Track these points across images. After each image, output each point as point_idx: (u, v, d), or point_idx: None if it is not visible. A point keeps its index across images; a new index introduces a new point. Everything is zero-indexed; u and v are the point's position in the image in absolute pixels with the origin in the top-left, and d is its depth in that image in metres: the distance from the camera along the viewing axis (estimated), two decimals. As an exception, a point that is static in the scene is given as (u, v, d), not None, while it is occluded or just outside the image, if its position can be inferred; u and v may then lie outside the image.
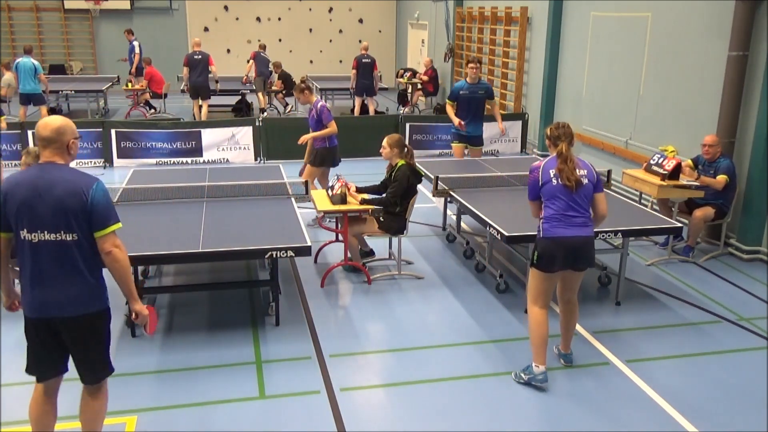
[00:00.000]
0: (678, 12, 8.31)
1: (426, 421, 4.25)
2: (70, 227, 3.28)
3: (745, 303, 6.10)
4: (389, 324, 5.58)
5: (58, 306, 3.36)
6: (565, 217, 4.45)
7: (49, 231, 3.28)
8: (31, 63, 12.61)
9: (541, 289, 4.61)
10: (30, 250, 3.32)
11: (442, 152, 11.90)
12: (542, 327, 4.57)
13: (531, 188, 4.61)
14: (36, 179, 3.29)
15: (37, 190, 3.26)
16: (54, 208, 3.25)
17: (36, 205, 3.26)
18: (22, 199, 3.26)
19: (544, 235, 4.50)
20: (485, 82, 9.24)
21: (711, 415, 4.35)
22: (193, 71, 13.43)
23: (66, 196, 3.26)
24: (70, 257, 3.32)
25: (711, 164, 6.95)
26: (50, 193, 3.25)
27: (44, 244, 3.29)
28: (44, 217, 3.26)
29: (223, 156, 11.26)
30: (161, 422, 4.17)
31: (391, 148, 6.33)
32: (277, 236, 5.32)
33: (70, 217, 3.27)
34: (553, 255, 4.47)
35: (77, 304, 3.38)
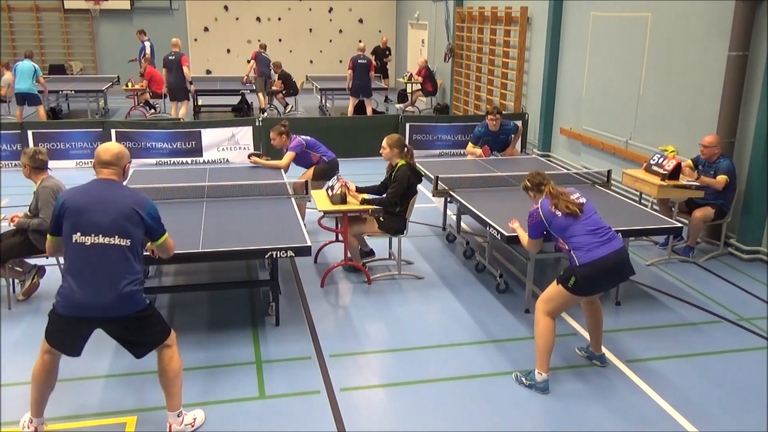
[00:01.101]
0: (678, 12, 8.31)
1: (426, 421, 4.25)
2: (125, 233, 3.68)
3: (745, 303, 6.10)
4: (389, 324, 5.58)
5: (102, 307, 3.65)
6: (594, 235, 4.44)
7: (104, 235, 3.64)
8: (31, 65, 12.65)
9: (562, 307, 4.61)
10: (82, 253, 3.64)
11: (442, 152, 11.91)
12: (551, 336, 4.55)
13: (534, 227, 4.65)
14: (96, 191, 3.75)
15: (97, 198, 3.69)
16: (114, 215, 3.65)
17: (93, 212, 3.64)
18: (80, 205, 3.66)
19: (582, 262, 4.41)
20: (508, 127, 8.87)
21: (711, 415, 4.35)
22: (169, 73, 13.38)
23: (124, 207, 3.70)
24: (120, 261, 3.66)
25: (711, 164, 6.95)
26: (110, 204, 3.68)
27: (97, 247, 3.63)
28: (101, 223, 3.63)
29: (223, 156, 11.26)
30: (161, 422, 4.16)
31: (391, 149, 6.33)
32: (277, 236, 5.32)
33: (126, 224, 3.68)
34: (597, 279, 4.44)
35: (121, 306, 3.68)
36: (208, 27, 20.12)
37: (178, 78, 13.28)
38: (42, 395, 3.91)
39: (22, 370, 4.71)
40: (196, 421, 4.14)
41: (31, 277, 5.90)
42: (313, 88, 17.07)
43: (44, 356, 3.83)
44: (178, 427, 4.02)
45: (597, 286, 4.52)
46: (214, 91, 15.60)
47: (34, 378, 3.87)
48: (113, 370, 4.75)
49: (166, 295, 6.05)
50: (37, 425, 3.99)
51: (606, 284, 4.55)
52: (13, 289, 5.91)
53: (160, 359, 3.94)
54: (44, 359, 3.84)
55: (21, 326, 5.41)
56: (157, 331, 3.91)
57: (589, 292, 4.52)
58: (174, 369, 3.94)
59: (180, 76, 13.26)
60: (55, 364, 3.89)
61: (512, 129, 8.93)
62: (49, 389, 3.92)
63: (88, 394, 4.46)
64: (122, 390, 4.48)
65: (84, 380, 4.62)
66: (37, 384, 3.87)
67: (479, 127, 8.81)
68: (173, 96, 13.56)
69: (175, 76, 13.28)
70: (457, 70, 15.90)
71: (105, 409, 4.28)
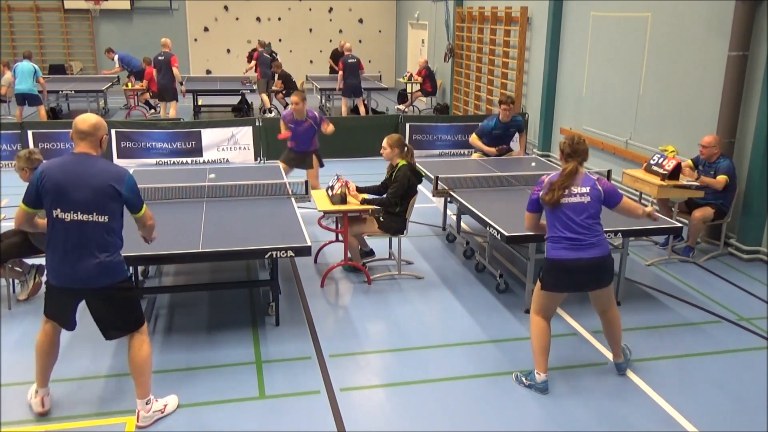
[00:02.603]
0: (678, 12, 8.31)
1: (426, 421, 4.25)
2: (103, 211, 3.78)
3: (745, 303, 6.10)
4: (389, 324, 5.58)
5: (84, 279, 3.80)
6: (566, 238, 4.32)
7: (82, 212, 3.74)
8: (31, 66, 12.67)
9: (544, 305, 4.55)
10: (62, 228, 3.76)
11: (442, 152, 11.91)
12: (544, 337, 4.53)
13: (530, 201, 4.51)
14: (74, 166, 3.77)
15: (75, 175, 3.74)
16: (89, 192, 3.73)
17: (72, 189, 3.72)
18: (59, 182, 3.72)
19: (548, 256, 4.39)
20: (518, 119, 8.73)
21: (711, 415, 4.35)
22: (158, 73, 13.37)
23: (101, 184, 3.76)
24: (98, 236, 3.79)
25: (711, 164, 6.95)
26: (87, 180, 3.74)
27: (76, 223, 3.75)
28: (79, 201, 3.73)
29: (223, 156, 11.26)
30: (161, 422, 4.17)
31: (392, 149, 6.33)
32: (277, 236, 5.32)
33: (104, 201, 3.77)
34: (559, 278, 4.38)
35: (101, 277, 3.82)
36: (208, 27, 20.12)
37: (167, 78, 13.28)
38: (45, 365, 4.12)
39: (22, 370, 4.71)
40: (166, 407, 4.20)
41: (33, 277, 5.90)
42: (313, 88, 17.07)
43: (45, 327, 4.06)
44: (146, 414, 4.09)
45: (560, 284, 4.42)
46: (214, 91, 15.60)
47: (37, 349, 4.07)
48: (113, 370, 4.75)
49: (166, 295, 6.05)
50: (43, 395, 4.17)
51: (569, 286, 4.43)
52: (13, 289, 5.91)
53: (132, 346, 4.04)
54: (45, 330, 4.06)
55: (21, 326, 5.41)
56: (134, 317, 4.06)
57: (553, 288, 4.44)
58: (144, 355, 4.05)
59: (169, 76, 13.25)
60: (56, 335, 4.09)
61: (520, 122, 8.76)
62: (52, 360, 4.13)
63: (88, 394, 4.46)
64: (122, 390, 4.48)
65: (84, 380, 4.62)
66: (40, 354, 4.07)
67: (488, 121, 8.61)
68: (161, 96, 13.56)
69: (165, 77, 13.27)
70: (457, 70, 15.90)
71: (105, 409, 4.28)
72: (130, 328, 4.05)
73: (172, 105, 13.55)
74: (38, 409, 4.17)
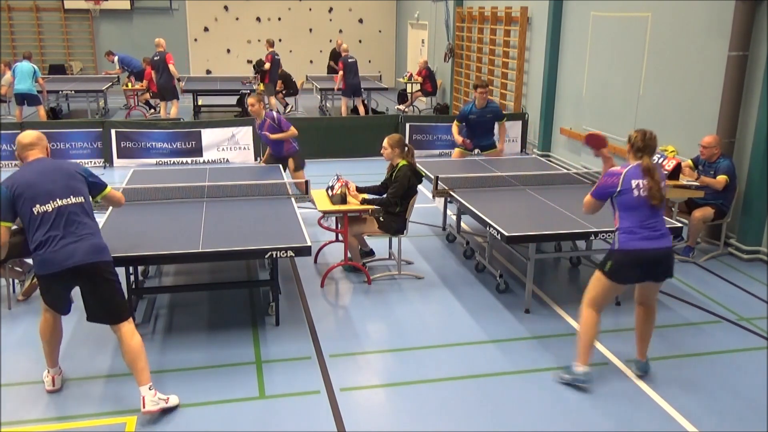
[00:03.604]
0: (678, 12, 8.31)
1: (426, 421, 4.25)
2: (77, 192, 4.16)
3: (745, 303, 6.10)
4: (389, 324, 5.58)
5: (82, 254, 4.06)
6: (643, 229, 4.34)
7: (61, 198, 4.08)
8: (30, 66, 12.67)
9: (607, 298, 4.56)
10: (45, 219, 4.03)
11: (442, 152, 11.91)
12: (593, 329, 4.53)
13: (602, 189, 4.44)
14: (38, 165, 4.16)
15: (41, 170, 4.12)
16: (61, 180, 4.11)
17: (45, 182, 4.07)
18: (30, 181, 4.05)
19: (621, 247, 4.38)
20: (494, 105, 8.84)
21: (711, 415, 4.35)
22: (156, 73, 13.38)
23: (67, 169, 4.23)
24: (82, 219, 4.13)
25: (711, 164, 6.95)
26: (56, 171, 4.15)
27: (58, 209, 4.06)
28: (54, 189, 4.07)
29: (223, 156, 11.26)
30: (161, 422, 4.17)
31: (392, 149, 6.34)
32: (277, 236, 5.32)
33: (75, 183, 4.17)
34: (631, 268, 4.40)
35: (94, 254, 4.12)
36: (208, 27, 20.12)
37: (165, 77, 13.28)
38: (51, 348, 4.40)
39: (22, 370, 4.72)
40: (169, 400, 4.25)
41: (31, 277, 5.90)
42: (313, 88, 17.06)
43: (45, 314, 4.32)
44: (152, 398, 4.14)
45: (630, 275, 4.44)
46: (214, 91, 15.59)
47: (41, 335, 4.36)
48: (113, 370, 4.75)
49: (166, 295, 6.05)
50: (54, 375, 4.45)
51: (639, 275, 4.46)
52: (13, 289, 5.91)
53: (123, 336, 4.19)
54: (45, 317, 4.32)
55: (21, 326, 5.41)
56: (122, 304, 4.30)
57: (623, 280, 4.45)
58: (137, 343, 4.21)
59: (167, 75, 13.26)
60: (57, 321, 4.35)
61: (497, 111, 8.76)
62: (57, 342, 4.42)
63: (88, 394, 4.46)
64: (122, 390, 4.48)
65: (84, 380, 4.62)
66: (45, 339, 4.37)
67: (465, 105, 8.78)
68: (162, 96, 13.56)
69: (163, 76, 13.28)
70: (457, 70, 15.90)
71: (105, 409, 4.28)
72: (120, 315, 4.23)
73: (174, 104, 13.55)
74: (49, 387, 4.44)
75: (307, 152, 11.36)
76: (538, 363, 4.96)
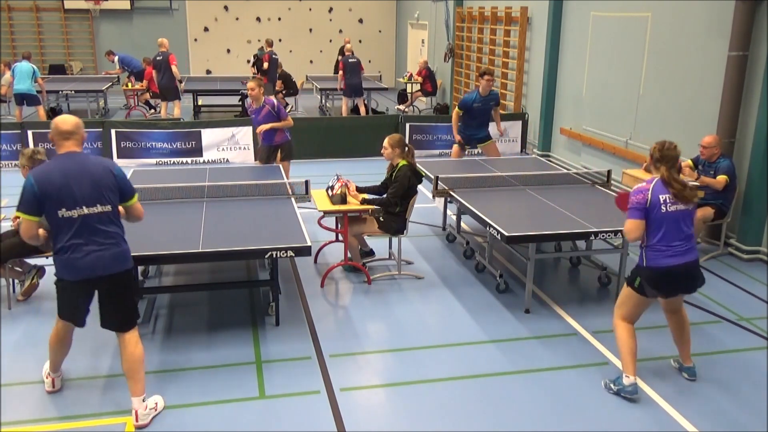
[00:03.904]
0: (678, 12, 8.31)
1: (426, 421, 4.25)
2: (104, 201, 3.94)
3: (745, 303, 6.10)
4: (389, 324, 5.58)
5: (102, 266, 3.95)
6: (670, 245, 4.29)
7: (87, 206, 3.89)
8: (29, 66, 12.68)
9: (637, 311, 4.52)
10: (70, 225, 3.88)
11: (442, 152, 11.90)
12: (632, 340, 4.49)
13: (634, 208, 4.35)
14: (69, 164, 3.91)
15: (72, 172, 3.87)
16: (90, 186, 3.89)
17: (74, 186, 3.85)
18: (59, 183, 3.83)
19: (649, 264, 4.33)
20: (495, 92, 9.16)
21: (711, 415, 4.35)
22: (158, 73, 13.39)
23: (99, 175, 3.93)
24: (106, 227, 3.96)
25: (711, 164, 6.94)
26: (84, 175, 3.89)
27: (84, 217, 3.88)
28: (81, 196, 3.86)
29: (223, 156, 11.26)
30: (161, 422, 4.17)
31: (393, 149, 6.34)
32: (277, 236, 5.32)
33: (104, 191, 3.93)
34: (660, 284, 4.36)
35: (116, 264, 4.01)
36: (208, 27, 20.12)
37: (167, 78, 13.29)
38: (58, 357, 4.37)
39: (22, 370, 4.72)
40: (158, 405, 4.26)
41: (31, 278, 5.90)
42: (313, 88, 17.07)
43: (57, 326, 4.21)
44: (144, 411, 4.13)
45: (661, 289, 4.40)
46: (214, 91, 15.59)
47: (50, 343, 4.29)
48: (113, 370, 4.75)
49: (166, 295, 6.05)
50: (54, 377, 4.45)
51: (671, 291, 4.44)
52: (13, 289, 5.91)
53: (128, 344, 4.13)
54: (57, 329, 4.23)
55: (21, 326, 5.41)
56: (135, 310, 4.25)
57: (654, 294, 4.42)
58: (140, 353, 4.17)
59: (169, 75, 13.27)
60: (69, 334, 4.26)
61: (497, 97, 8.96)
62: (64, 353, 4.36)
63: (88, 394, 4.47)
64: (122, 390, 4.46)
65: (84, 380, 4.62)
66: (53, 348, 4.31)
67: (469, 94, 8.87)
68: (164, 96, 13.56)
69: (165, 76, 13.28)
70: (457, 70, 15.90)
71: (105, 409, 4.28)
72: (131, 320, 4.19)
73: (176, 104, 13.57)
74: (48, 388, 4.44)
75: (307, 152, 11.46)
76: (538, 363, 4.96)
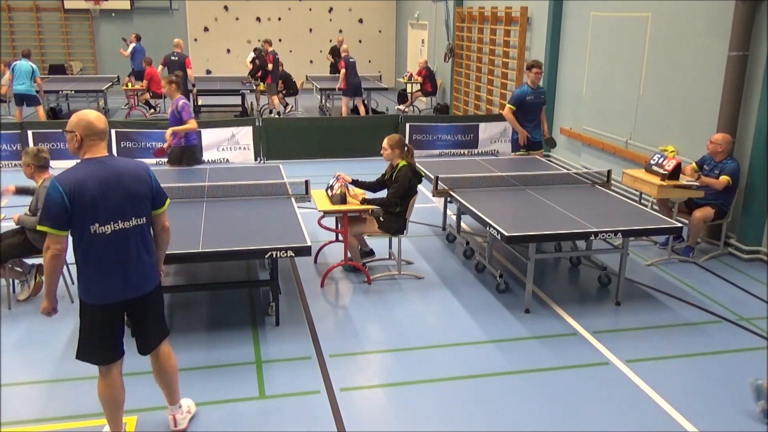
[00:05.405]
0: (678, 12, 8.31)
1: (426, 421, 4.25)
2: (140, 213, 3.60)
3: (745, 303, 6.10)
4: (389, 324, 5.58)
5: (135, 287, 3.64)
6: None
7: (123, 220, 3.53)
8: (29, 66, 12.67)
9: None
10: (102, 242, 3.50)
11: (442, 152, 11.91)
12: None
13: None
14: (104, 174, 3.48)
15: (107, 183, 3.47)
16: (125, 197, 3.52)
17: (109, 199, 3.46)
18: (94, 196, 3.42)
19: None
20: (543, 87, 8.79)
21: (711, 415, 4.35)
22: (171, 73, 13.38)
23: (135, 184, 3.56)
24: (140, 240, 3.63)
25: (717, 164, 6.94)
26: (120, 185, 3.50)
27: (118, 233, 3.52)
28: (116, 209, 3.49)
29: (223, 156, 11.26)
30: (161, 422, 4.17)
31: (392, 149, 6.34)
32: (277, 236, 5.32)
33: (139, 203, 3.59)
34: None
35: (149, 281, 3.72)
36: (208, 27, 20.13)
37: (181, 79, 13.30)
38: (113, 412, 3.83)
39: (22, 370, 4.72)
40: (190, 408, 4.24)
41: (34, 277, 5.90)
42: (313, 88, 17.07)
43: (105, 375, 3.76)
44: (181, 416, 4.11)
45: None
46: (214, 91, 15.60)
47: (100, 397, 3.80)
48: (113, 370, 4.75)
49: (167, 295, 6.03)
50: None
51: None
52: (13, 289, 5.91)
53: (160, 356, 3.96)
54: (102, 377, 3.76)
55: (21, 326, 5.41)
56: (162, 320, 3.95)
57: None
58: (174, 364, 4.05)
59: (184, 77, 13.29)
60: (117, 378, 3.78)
61: (545, 91, 8.65)
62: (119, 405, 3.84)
63: (88, 394, 4.46)
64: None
65: (84, 380, 4.62)
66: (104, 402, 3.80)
67: (520, 89, 8.53)
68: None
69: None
70: (457, 70, 15.90)
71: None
72: (165, 333, 3.97)
73: None
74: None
75: (307, 152, 11.47)
76: (538, 363, 4.95)
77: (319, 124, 11.97)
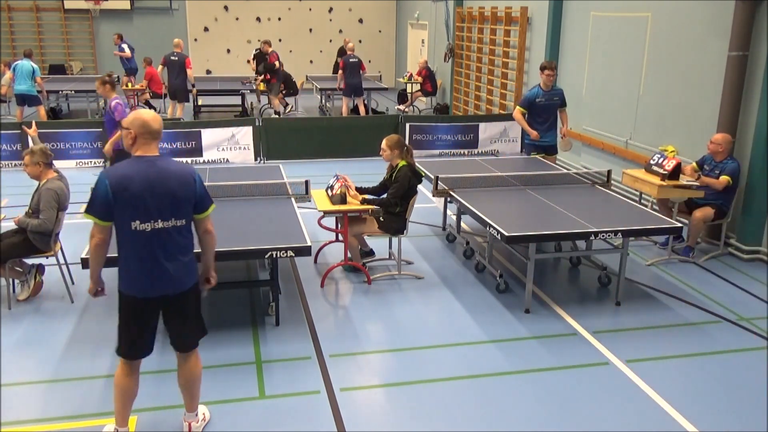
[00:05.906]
0: (678, 12, 8.31)
1: (426, 421, 4.25)
2: (180, 215, 3.67)
3: (745, 303, 6.10)
4: (389, 324, 5.58)
5: (170, 284, 3.70)
6: None
7: (163, 220, 3.61)
8: (30, 65, 12.68)
9: None
10: (142, 239, 3.60)
11: (442, 152, 11.91)
12: None
13: None
14: (152, 173, 3.58)
15: (152, 183, 3.56)
16: (169, 198, 3.60)
17: (152, 198, 3.56)
18: (139, 193, 3.53)
19: None
20: (559, 88, 8.58)
21: (711, 415, 4.35)
22: (171, 73, 13.44)
23: (179, 187, 3.63)
24: (178, 241, 3.68)
25: (717, 164, 6.94)
26: (164, 185, 3.58)
27: (158, 231, 3.61)
28: (158, 208, 3.58)
29: (223, 156, 11.27)
30: (161, 422, 4.17)
31: (391, 150, 6.34)
32: (277, 236, 5.32)
33: (181, 205, 3.65)
34: None
35: (186, 280, 3.76)
36: (208, 27, 20.13)
37: (180, 79, 13.35)
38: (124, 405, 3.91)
39: (23, 370, 4.72)
40: (206, 416, 4.22)
41: (33, 277, 5.90)
42: (313, 88, 17.07)
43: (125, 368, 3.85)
44: (197, 424, 4.10)
45: None
46: (214, 91, 15.59)
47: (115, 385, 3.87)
48: (113, 370, 4.72)
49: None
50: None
51: None
52: (13, 289, 5.91)
53: (188, 362, 3.98)
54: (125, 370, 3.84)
55: (21, 326, 5.41)
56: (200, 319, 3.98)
57: None
58: (200, 370, 4.06)
59: (183, 77, 13.35)
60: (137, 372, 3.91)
61: (563, 94, 8.42)
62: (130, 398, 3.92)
63: (88, 394, 4.47)
64: (122, 390, 4.47)
65: (84, 380, 4.62)
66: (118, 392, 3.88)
67: (530, 91, 8.42)
68: (174, 95, 13.60)
69: (178, 77, 13.33)
70: (457, 70, 15.90)
71: (105, 409, 4.28)
72: (203, 332, 4.02)
73: (180, 106, 13.61)
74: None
75: (307, 152, 11.47)
76: (538, 363, 4.96)
77: (319, 124, 11.97)
